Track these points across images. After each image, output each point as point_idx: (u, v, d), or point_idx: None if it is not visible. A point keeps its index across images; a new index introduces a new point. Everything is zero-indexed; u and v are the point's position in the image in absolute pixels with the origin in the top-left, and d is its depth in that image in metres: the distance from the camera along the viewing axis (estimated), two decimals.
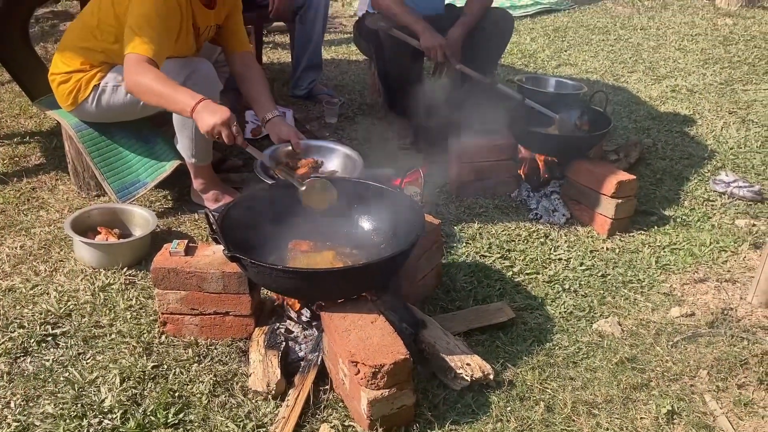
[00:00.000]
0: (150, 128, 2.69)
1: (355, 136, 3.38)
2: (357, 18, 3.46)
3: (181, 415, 1.68)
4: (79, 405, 1.69)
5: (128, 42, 2.18)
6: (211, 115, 2.05)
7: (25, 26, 3.02)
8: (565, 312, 2.15)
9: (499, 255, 2.43)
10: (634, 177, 2.58)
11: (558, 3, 5.73)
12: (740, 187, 2.86)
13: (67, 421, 1.64)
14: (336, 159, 2.64)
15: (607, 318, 2.12)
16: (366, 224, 2.09)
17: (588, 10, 5.65)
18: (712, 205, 2.81)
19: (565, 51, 4.68)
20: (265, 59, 4.37)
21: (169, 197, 2.75)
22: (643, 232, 2.61)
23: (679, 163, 3.16)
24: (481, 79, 2.96)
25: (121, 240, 2.34)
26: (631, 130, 3.49)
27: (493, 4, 3.32)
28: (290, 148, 2.47)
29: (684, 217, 2.72)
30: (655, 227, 2.64)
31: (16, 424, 1.64)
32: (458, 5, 3.45)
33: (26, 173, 2.90)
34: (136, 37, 2.16)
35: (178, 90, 2.12)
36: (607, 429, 1.68)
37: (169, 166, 2.60)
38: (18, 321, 2.01)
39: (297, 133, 2.49)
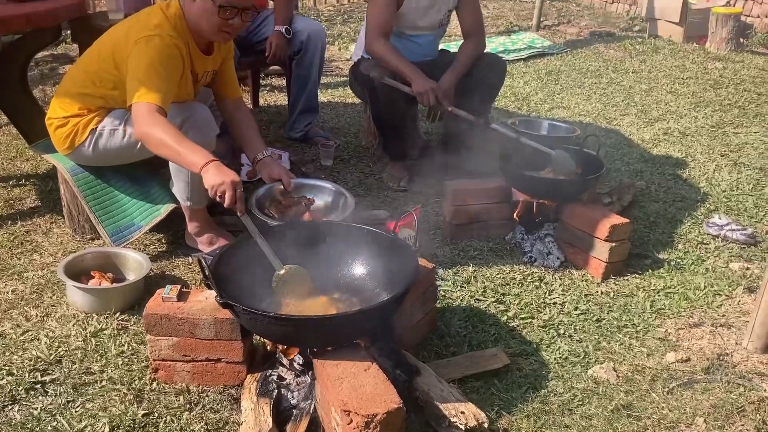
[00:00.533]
0: (145, 171, 2.70)
1: (350, 178, 3.40)
2: (352, 63, 3.51)
3: None
4: None
5: (134, 91, 2.19)
6: (220, 175, 2.03)
7: (23, 71, 3.05)
8: (560, 357, 2.13)
9: (493, 299, 2.42)
10: (628, 221, 2.59)
11: (550, 47, 5.81)
12: (733, 230, 2.87)
13: None
14: (327, 197, 2.66)
15: (602, 364, 2.10)
16: (359, 269, 2.08)
17: (580, 53, 5.73)
18: (706, 249, 2.81)
19: (558, 94, 4.73)
20: (262, 102, 4.41)
21: (163, 240, 2.75)
22: (637, 275, 2.61)
23: (672, 205, 3.17)
24: (474, 120, 2.99)
25: (114, 284, 2.33)
26: (624, 172, 3.52)
27: (486, 49, 3.39)
28: (282, 187, 2.49)
29: (678, 260, 2.72)
30: (650, 270, 2.64)
31: None
32: (452, 51, 3.51)
33: (21, 216, 2.90)
34: (142, 86, 2.18)
35: (190, 147, 2.10)
36: None
37: (164, 210, 2.60)
38: (7, 368, 1.99)
39: (287, 171, 2.52)
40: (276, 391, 1.84)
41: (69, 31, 3.33)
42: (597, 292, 2.50)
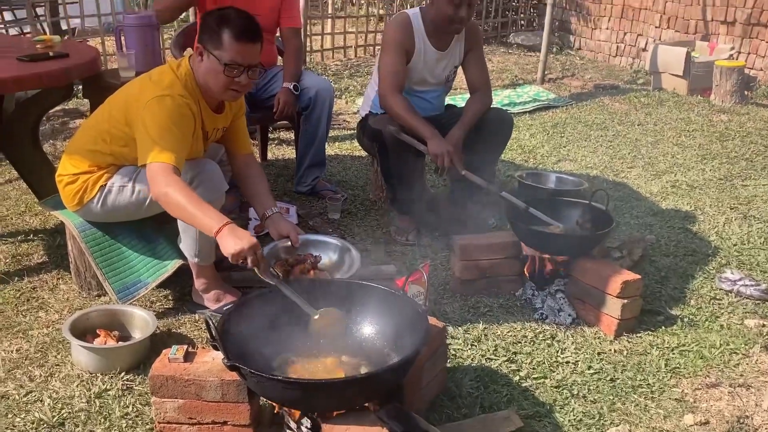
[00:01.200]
0: (153, 227, 2.70)
1: (358, 232, 3.38)
2: (360, 117, 3.54)
3: None
4: None
5: (149, 151, 2.20)
6: (238, 241, 2.01)
7: (35, 128, 3.09)
8: (574, 420, 2.08)
9: (505, 358, 2.38)
10: (639, 276, 2.56)
11: (556, 99, 5.87)
12: (747, 285, 2.83)
13: None
14: (333, 253, 2.63)
15: (617, 426, 2.05)
16: (368, 328, 2.05)
17: (585, 106, 5.78)
18: (720, 304, 2.77)
19: (564, 146, 4.75)
20: (270, 155, 4.44)
21: (169, 297, 2.72)
22: (650, 332, 2.57)
23: (683, 260, 3.14)
24: (487, 186, 2.99)
25: (120, 344, 2.30)
26: (634, 226, 3.50)
27: (492, 103, 3.41)
28: (289, 243, 2.47)
29: (691, 316, 2.68)
30: (663, 327, 2.60)
31: None
32: (458, 105, 3.54)
33: (28, 272, 2.89)
34: (156, 146, 2.20)
35: (204, 210, 2.10)
36: None
37: (171, 266, 2.59)
38: (9, 431, 1.94)
39: (296, 228, 2.51)
40: None
41: (80, 86, 3.37)
42: (610, 350, 2.45)
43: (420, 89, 3.33)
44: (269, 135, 4.61)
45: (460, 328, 2.55)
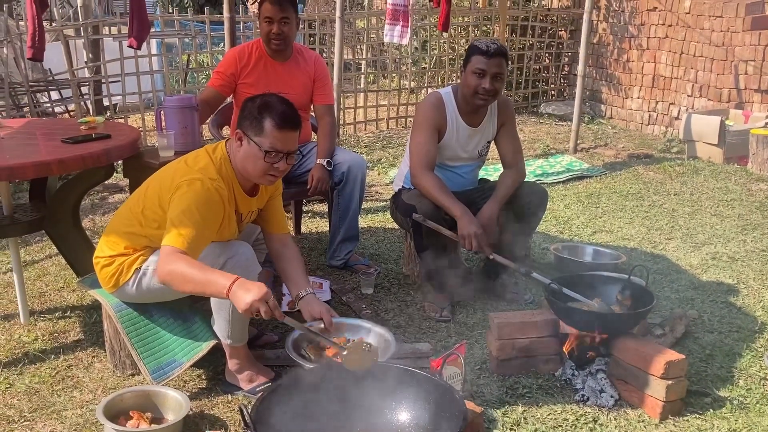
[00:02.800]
0: (189, 306, 2.71)
1: (392, 307, 3.35)
2: (394, 192, 3.56)
3: None
4: None
5: (167, 233, 2.26)
6: (247, 293, 2.06)
7: (76, 206, 3.16)
8: None
9: None
10: (684, 357, 2.47)
11: (589, 169, 5.85)
12: None
13: None
14: (368, 337, 2.61)
15: None
16: (404, 414, 2.01)
17: (619, 176, 5.75)
18: None
19: (600, 217, 4.70)
20: (303, 229, 4.47)
21: (203, 376, 2.70)
22: (698, 415, 2.46)
23: (728, 336, 3.04)
24: (516, 268, 2.97)
25: (153, 426, 2.27)
26: (674, 300, 3.41)
27: (526, 175, 3.40)
28: (322, 326, 2.45)
29: (741, 398, 2.56)
30: (711, 410, 2.49)
31: None
32: (491, 179, 3.54)
33: (64, 350, 2.90)
34: (174, 229, 2.24)
35: (210, 273, 2.15)
36: None
37: (206, 346, 2.58)
38: None
39: (329, 310, 2.51)
40: None
41: (120, 161, 3.47)
42: None
43: (453, 164, 3.35)
44: (303, 208, 4.65)
45: (498, 410, 2.48)
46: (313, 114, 3.90)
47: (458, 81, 3.31)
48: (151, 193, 2.46)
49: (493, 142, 3.43)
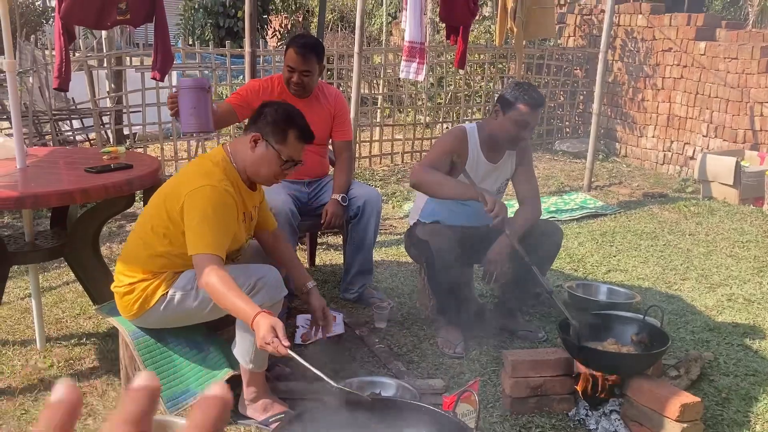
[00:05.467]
0: (204, 335, 2.73)
1: (405, 342, 3.35)
2: (409, 226, 3.58)
3: None
4: None
5: (192, 244, 2.35)
6: (260, 331, 2.16)
7: (96, 235, 3.21)
8: None
9: None
10: (699, 400, 2.46)
11: (603, 207, 5.86)
12: None
13: None
14: (391, 391, 2.69)
15: None
16: None
17: (634, 214, 5.75)
18: None
19: (614, 256, 4.70)
20: (318, 261, 4.49)
21: None
22: None
23: (744, 380, 3.01)
24: (544, 282, 2.95)
25: None
26: (689, 342, 3.39)
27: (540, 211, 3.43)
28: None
29: None
30: None
31: None
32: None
33: (79, 377, 2.92)
34: (197, 237, 2.34)
35: (240, 300, 2.25)
36: None
37: (221, 376, 2.60)
38: None
39: (324, 309, 2.65)
40: None
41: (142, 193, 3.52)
42: None
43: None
44: (317, 240, 4.68)
45: None
46: (330, 148, 3.95)
47: (485, 117, 3.37)
48: (157, 209, 2.51)
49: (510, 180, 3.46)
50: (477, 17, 7.58)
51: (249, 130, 2.54)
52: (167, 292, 2.53)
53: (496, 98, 3.42)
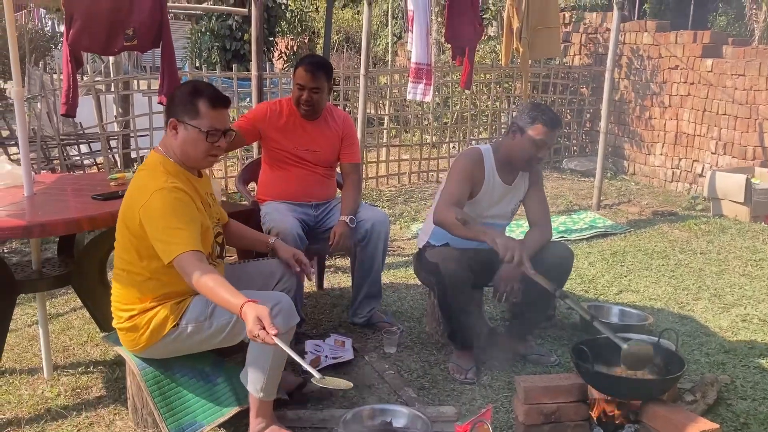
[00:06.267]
0: (213, 364, 2.69)
1: (415, 368, 3.30)
2: (418, 249, 3.55)
3: None
4: None
5: (166, 252, 2.34)
6: (248, 323, 2.19)
7: (103, 262, 3.19)
8: None
9: None
10: (717, 426, 2.40)
11: (613, 227, 5.81)
12: None
13: None
14: (403, 420, 2.66)
15: None
16: None
17: (644, 233, 5.69)
18: None
19: (625, 276, 4.64)
20: (326, 284, 4.46)
21: None
22: None
23: (763, 404, 2.95)
24: (551, 287, 2.89)
25: None
26: (705, 365, 3.33)
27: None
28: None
29: None
30: None
31: None
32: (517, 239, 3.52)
33: (86, 406, 2.89)
34: (168, 244, 2.33)
35: (228, 293, 2.27)
36: None
37: (228, 412, 2.57)
38: None
39: (295, 254, 2.83)
40: None
41: None
42: None
43: (485, 222, 3.32)
44: (326, 263, 4.65)
45: None
46: (338, 171, 3.93)
47: (498, 138, 3.34)
48: (123, 236, 2.49)
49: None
50: (482, 37, 7.59)
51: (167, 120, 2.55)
52: (179, 323, 2.50)
53: (510, 119, 3.40)
